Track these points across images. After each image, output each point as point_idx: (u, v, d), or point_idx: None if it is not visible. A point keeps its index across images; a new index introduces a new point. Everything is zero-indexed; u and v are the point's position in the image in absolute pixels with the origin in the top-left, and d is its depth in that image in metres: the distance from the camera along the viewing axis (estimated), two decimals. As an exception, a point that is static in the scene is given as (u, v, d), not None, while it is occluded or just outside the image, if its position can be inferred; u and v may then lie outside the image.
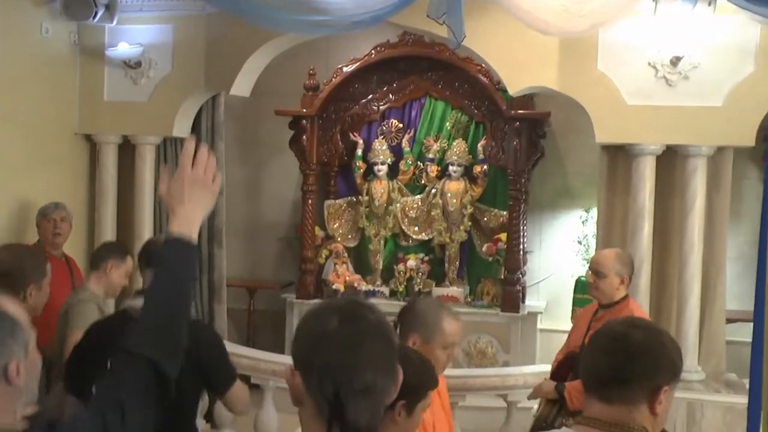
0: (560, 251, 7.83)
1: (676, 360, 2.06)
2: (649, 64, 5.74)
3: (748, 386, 3.77)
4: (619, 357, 2.01)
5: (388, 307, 7.60)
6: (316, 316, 1.72)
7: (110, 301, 5.18)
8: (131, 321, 3.04)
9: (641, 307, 5.20)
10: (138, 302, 3.05)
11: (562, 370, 4.58)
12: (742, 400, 4.18)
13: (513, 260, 7.34)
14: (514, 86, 6.15)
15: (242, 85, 6.70)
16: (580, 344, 4.46)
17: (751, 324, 3.77)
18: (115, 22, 6.57)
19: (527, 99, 7.22)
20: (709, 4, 5.50)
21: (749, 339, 3.79)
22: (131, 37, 6.66)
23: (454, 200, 7.71)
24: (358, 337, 1.68)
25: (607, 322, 2.24)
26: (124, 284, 4.65)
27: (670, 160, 5.92)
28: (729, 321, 6.18)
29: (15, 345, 1.81)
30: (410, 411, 2.52)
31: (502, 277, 7.48)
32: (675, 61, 5.64)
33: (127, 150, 6.90)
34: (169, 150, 7.10)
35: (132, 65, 6.65)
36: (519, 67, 6.05)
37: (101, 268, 4.51)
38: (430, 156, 7.88)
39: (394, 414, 2.47)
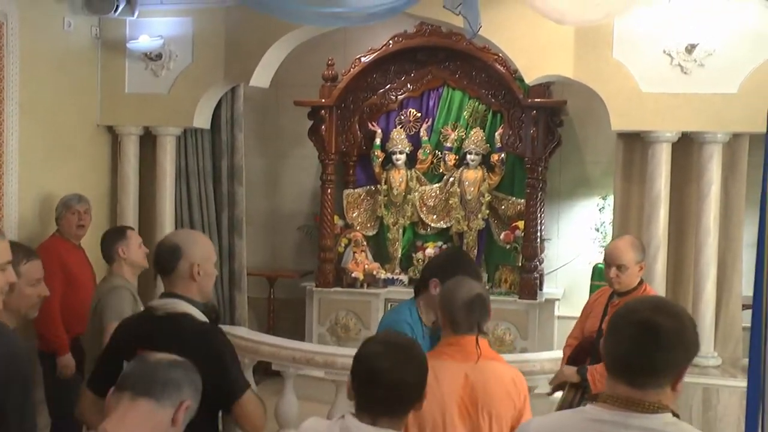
0: (578, 239, 7.85)
1: (697, 340, 2.09)
2: (665, 51, 5.74)
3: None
4: (652, 349, 2.01)
5: (407, 295, 7.65)
6: None
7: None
8: (155, 320, 3.06)
9: (657, 292, 5.24)
10: (163, 302, 3.10)
11: (580, 355, 4.62)
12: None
13: (530, 248, 7.37)
14: (531, 75, 6.16)
15: (261, 77, 6.78)
16: (597, 329, 4.51)
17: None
18: (135, 15, 6.68)
19: (544, 88, 7.24)
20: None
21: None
22: (152, 29, 6.76)
23: (472, 189, 7.75)
24: None
25: (630, 305, 2.14)
26: (145, 252, 4.63)
27: (686, 147, 5.92)
28: (746, 307, 6.16)
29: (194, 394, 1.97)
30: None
31: (520, 264, 7.51)
32: (690, 49, 5.65)
33: (148, 141, 7.00)
34: (189, 141, 7.20)
35: (152, 57, 6.75)
36: (535, 56, 6.07)
37: (115, 258, 4.54)
38: (448, 145, 7.92)
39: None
